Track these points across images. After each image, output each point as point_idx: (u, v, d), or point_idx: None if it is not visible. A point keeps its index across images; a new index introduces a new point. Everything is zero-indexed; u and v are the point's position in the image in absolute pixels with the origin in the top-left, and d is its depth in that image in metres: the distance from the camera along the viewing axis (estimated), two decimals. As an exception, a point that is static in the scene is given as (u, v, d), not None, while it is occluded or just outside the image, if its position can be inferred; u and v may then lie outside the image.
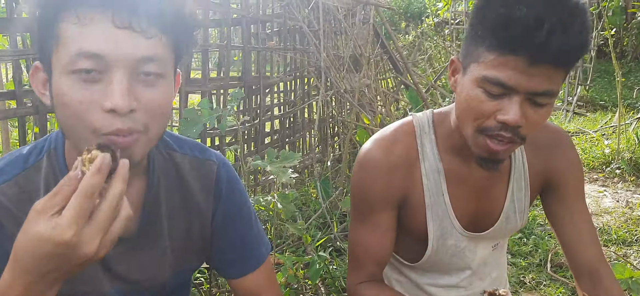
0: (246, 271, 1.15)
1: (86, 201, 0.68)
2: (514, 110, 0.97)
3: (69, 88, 0.78)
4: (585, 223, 1.27)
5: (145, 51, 0.80)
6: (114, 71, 0.78)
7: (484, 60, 0.98)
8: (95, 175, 0.69)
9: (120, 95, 0.77)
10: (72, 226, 0.67)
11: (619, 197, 3.81)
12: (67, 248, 0.68)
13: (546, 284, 2.43)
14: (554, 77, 0.96)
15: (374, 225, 1.20)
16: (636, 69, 10.71)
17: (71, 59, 0.77)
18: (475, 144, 1.05)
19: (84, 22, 0.77)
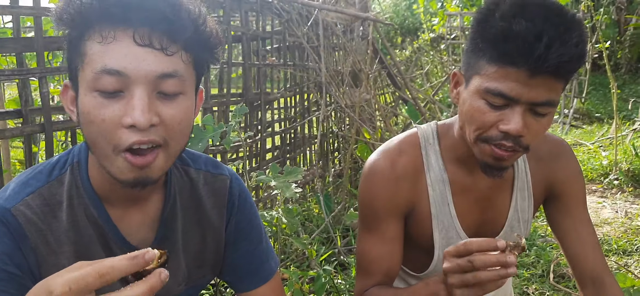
0: (256, 284, 1.16)
1: (93, 277, 0.65)
2: (516, 120, 0.99)
3: (93, 106, 0.81)
4: (588, 232, 1.28)
5: (165, 68, 0.82)
6: (134, 87, 0.80)
7: (485, 72, 1.01)
8: (121, 258, 0.67)
9: (141, 112, 0.79)
10: (64, 287, 0.65)
11: (617, 208, 3.83)
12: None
13: (549, 294, 2.44)
14: (554, 87, 0.99)
15: (381, 235, 1.21)
16: (630, 81, 10.80)
17: (95, 76, 0.80)
18: (480, 152, 1.07)
19: (107, 41, 0.79)
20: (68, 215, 0.93)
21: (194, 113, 0.92)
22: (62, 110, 2.03)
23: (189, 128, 0.91)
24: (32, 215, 0.90)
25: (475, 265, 0.91)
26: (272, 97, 3.56)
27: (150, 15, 0.80)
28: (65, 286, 0.64)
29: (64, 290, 0.64)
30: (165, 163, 0.87)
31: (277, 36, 3.62)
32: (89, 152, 0.96)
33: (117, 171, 0.84)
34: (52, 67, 2.01)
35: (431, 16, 11.52)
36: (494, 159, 1.06)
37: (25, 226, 0.90)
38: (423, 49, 10.08)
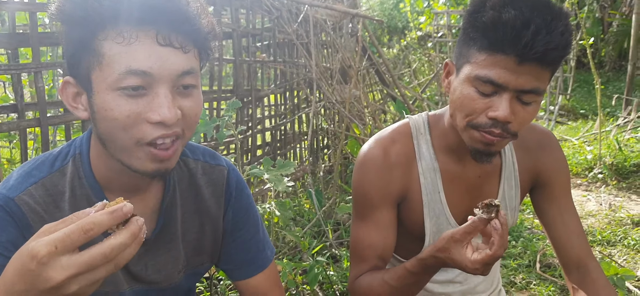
0: (253, 273, 1.19)
1: (78, 233, 0.65)
2: (504, 106, 1.03)
3: (117, 104, 0.83)
4: (573, 220, 1.33)
5: (185, 65, 0.86)
6: (159, 86, 0.84)
7: (475, 60, 1.05)
8: (103, 213, 0.67)
9: (168, 109, 0.84)
10: (49, 246, 0.65)
11: (602, 201, 3.91)
12: (36, 264, 0.65)
13: (536, 283, 2.50)
14: (541, 75, 1.03)
15: (375, 222, 1.24)
16: (614, 79, 10.97)
17: (119, 76, 0.82)
18: (470, 138, 1.11)
19: (129, 41, 0.82)
20: (70, 205, 0.95)
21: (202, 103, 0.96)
22: (57, 105, 2.04)
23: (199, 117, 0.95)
24: (35, 204, 0.93)
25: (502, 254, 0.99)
26: (263, 93, 3.58)
27: (171, 17, 0.83)
28: (50, 246, 0.64)
29: (50, 250, 0.64)
30: (180, 152, 0.92)
31: (267, 33, 3.65)
32: (90, 144, 0.98)
33: (138, 163, 0.88)
34: (47, 62, 2.01)
35: (418, 15, 11.58)
36: (484, 145, 1.10)
37: (28, 216, 0.92)
38: (410, 47, 10.14)
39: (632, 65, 7.22)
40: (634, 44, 7.14)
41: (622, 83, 8.88)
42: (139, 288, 1.05)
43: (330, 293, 2.25)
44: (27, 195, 0.92)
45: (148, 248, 1.04)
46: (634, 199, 3.97)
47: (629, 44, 7.56)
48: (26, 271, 0.66)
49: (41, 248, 0.64)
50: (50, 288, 0.66)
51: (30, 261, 0.65)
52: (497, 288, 1.45)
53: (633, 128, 5.45)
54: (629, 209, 3.68)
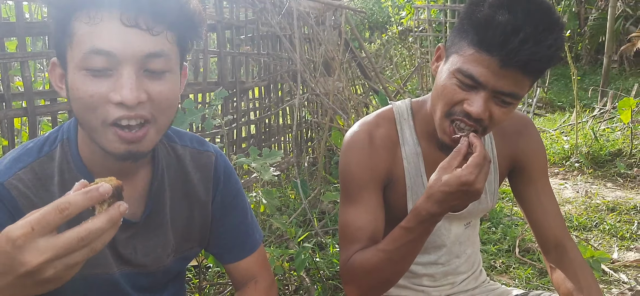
0: (242, 256, 1.20)
1: (54, 213, 0.65)
2: (478, 103, 1.07)
3: (82, 83, 0.85)
4: (550, 202, 1.37)
5: (152, 48, 0.86)
6: (123, 67, 0.84)
7: (463, 53, 1.08)
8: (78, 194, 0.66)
9: (129, 90, 0.83)
10: (25, 228, 0.64)
11: (578, 188, 4.02)
12: (12, 247, 0.64)
13: (515, 267, 2.57)
14: (521, 82, 1.06)
15: (364, 204, 1.25)
16: (590, 72, 11.20)
17: (84, 56, 0.83)
18: (441, 128, 1.15)
19: (95, 22, 0.83)
20: (60, 189, 0.96)
21: (179, 90, 0.96)
22: (45, 95, 2.04)
23: (176, 103, 0.95)
24: (24, 188, 0.93)
25: (488, 156, 1.03)
26: (247, 85, 3.59)
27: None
28: (26, 227, 0.64)
29: (26, 231, 0.64)
30: (155, 137, 0.92)
31: (250, 25, 3.66)
32: (78, 128, 0.99)
33: (107, 143, 0.88)
34: (33, 51, 2.01)
35: (399, 9, 11.65)
36: (451, 140, 1.12)
37: (18, 200, 0.92)
38: (392, 41, 10.21)
39: (607, 58, 7.40)
40: (609, 37, 7.31)
41: (598, 76, 9.08)
42: (129, 271, 1.07)
43: (316, 278, 2.29)
44: (16, 180, 0.93)
45: (137, 231, 1.05)
46: (609, 186, 4.09)
47: (605, 38, 7.73)
48: (2, 254, 0.65)
49: (16, 230, 0.64)
50: (25, 272, 0.65)
51: (5, 243, 0.65)
52: (478, 269, 1.49)
53: (608, 119, 5.60)
54: (604, 196, 3.80)
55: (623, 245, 2.88)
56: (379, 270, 1.18)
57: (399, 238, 1.14)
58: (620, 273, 2.49)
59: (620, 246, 2.87)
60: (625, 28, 10.07)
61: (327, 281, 2.26)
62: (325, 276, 2.25)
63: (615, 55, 10.39)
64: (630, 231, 3.04)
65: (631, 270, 2.57)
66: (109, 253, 1.03)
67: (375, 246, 1.20)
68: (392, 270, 1.18)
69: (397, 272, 1.20)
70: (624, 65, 10.99)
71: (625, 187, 4.04)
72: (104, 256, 1.02)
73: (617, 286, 2.38)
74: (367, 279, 1.21)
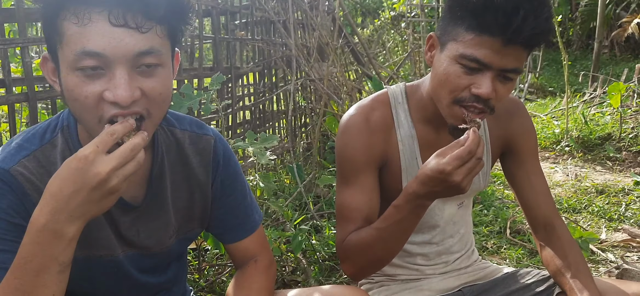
0: (242, 236, 1.24)
1: (107, 136, 0.82)
2: (487, 84, 1.10)
3: (75, 84, 0.86)
4: (540, 182, 1.41)
5: (142, 45, 0.86)
6: (115, 66, 0.85)
7: (462, 39, 1.11)
8: (119, 124, 0.84)
9: (123, 89, 0.85)
10: (92, 146, 0.80)
11: (568, 172, 4.08)
12: (85, 162, 0.79)
13: (506, 247, 2.63)
14: (521, 56, 1.11)
15: (360, 185, 1.28)
16: (581, 57, 11.26)
17: (75, 57, 0.85)
18: (450, 114, 1.18)
19: (83, 22, 0.84)
20: None
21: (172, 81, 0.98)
22: (45, 80, 2.05)
23: (170, 95, 0.97)
24: (29, 174, 0.96)
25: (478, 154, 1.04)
26: (242, 71, 3.61)
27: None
28: (93, 146, 0.81)
29: (93, 148, 0.81)
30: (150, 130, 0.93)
31: (245, 10, 3.67)
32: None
33: None
34: (33, 36, 2.02)
35: (392, -5, 11.62)
36: (463, 122, 1.15)
37: (24, 184, 0.95)
38: (384, 27, 10.20)
39: (598, 43, 7.45)
40: (600, 23, 7.36)
41: (589, 61, 9.15)
42: (133, 253, 1.10)
43: (313, 259, 2.33)
44: (21, 167, 0.95)
45: (139, 214, 1.08)
46: (598, 170, 4.16)
47: (596, 23, 7.78)
48: (75, 172, 0.80)
49: (86, 149, 0.80)
50: (98, 182, 0.80)
51: (78, 162, 0.80)
52: (471, 248, 1.53)
53: (598, 104, 5.66)
54: (593, 179, 3.86)
55: (611, 225, 2.95)
56: (372, 248, 1.22)
57: (389, 217, 1.18)
58: (607, 252, 2.56)
59: (608, 227, 2.93)
60: (616, 13, 10.13)
61: (324, 262, 2.31)
62: (322, 257, 2.30)
63: (606, 40, 10.46)
64: (618, 212, 3.11)
65: (618, 250, 2.64)
66: (112, 236, 1.06)
67: (370, 225, 1.24)
68: (384, 248, 1.22)
69: (390, 250, 1.24)
70: (614, 51, 11.07)
71: (614, 170, 4.11)
72: (108, 239, 1.06)
73: (604, 265, 2.45)
74: (361, 257, 1.25)
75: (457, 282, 1.44)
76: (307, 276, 2.17)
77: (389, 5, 11.17)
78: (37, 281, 0.84)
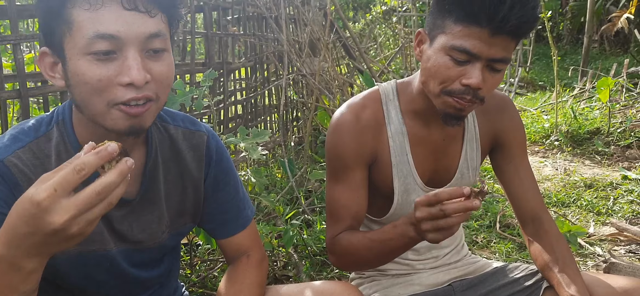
0: (234, 231, 1.25)
1: (72, 174, 0.70)
2: (476, 74, 1.13)
3: (88, 68, 0.88)
4: (528, 177, 1.44)
5: (152, 28, 0.90)
6: (127, 49, 0.88)
7: (451, 31, 1.13)
8: (90, 154, 0.72)
9: (137, 71, 0.88)
10: (49, 190, 0.69)
11: (557, 166, 4.12)
12: (38, 209, 0.69)
13: (496, 241, 2.66)
14: (509, 46, 1.13)
15: (349, 183, 1.31)
16: (571, 52, 11.33)
17: (88, 41, 0.86)
18: (443, 103, 1.20)
19: (95, 7, 0.86)
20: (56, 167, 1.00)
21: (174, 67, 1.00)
22: (37, 77, 2.05)
23: (172, 81, 0.99)
24: (23, 166, 0.96)
25: (447, 212, 1.00)
26: (234, 66, 3.61)
27: None
28: (49, 189, 0.69)
29: (49, 193, 0.69)
30: (155, 113, 0.96)
31: (237, 6, 3.66)
32: (72, 111, 1.02)
33: (111, 122, 0.92)
34: (25, 34, 2.01)
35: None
36: (456, 110, 1.18)
37: (17, 176, 0.95)
38: (376, 21, 10.21)
39: (588, 38, 7.50)
40: (589, 17, 7.41)
41: (579, 56, 9.20)
42: (126, 248, 1.10)
43: (304, 254, 2.35)
44: (15, 158, 0.96)
45: (133, 209, 1.09)
46: (587, 164, 4.20)
47: (585, 18, 7.83)
48: (29, 217, 0.71)
49: (41, 193, 0.69)
50: (52, 230, 0.71)
51: (31, 206, 0.70)
52: (460, 243, 1.55)
53: (587, 98, 5.71)
54: (582, 173, 3.90)
55: (599, 219, 2.98)
56: (361, 256, 1.26)
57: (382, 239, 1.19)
58: (595, 246, 2.59)
59: (597, 221, 2.97)
60: (605, 8, 10.19)
61: (315, 256, 2.32)
62: (313, 252, 2.31)
63: (596, 35, 10.53)
64: (606, 206, 3.15)
65: (606, 244, 2.67)
66: (105, 231, 1.07)
67: (364, 233, 1.26)
68: (373, 259, 1.27)
69: (378, 262, 1.30)
70: (604, 45, 11.15)
71: (602, 165, 4.15)
72: (101, 233, 1.06)
73: (592, 258, 2.48)
74: (351, 259, 1.30)
75: (447, 277, 1.46)
76: (298, 271, 2.18)
77: (381, 0, 11.18)
78: None
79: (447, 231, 1.03)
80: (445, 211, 1.01)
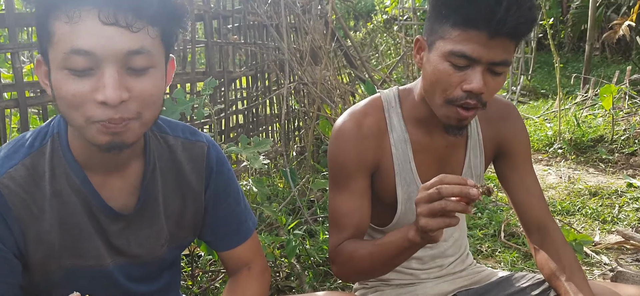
0: (236, 244, 1.22)
1: None
2: (477, 79, 1.11)
3: (64, 82, 0.85)
4: (534, 185, 1.41)
5: (132, 45, 0.85)
6: (104, 66, 0.84)
7: (449, 36, 1.12)
8: None
9: (111, 89, 0.83)
10: None
11: (561, 174, 4.09)
12: None
13: (500, 251, 2.63)
14: (509, 48, 1.12)
15: (351, 191, 1.29)
16: (573, 59, 11.34)
17: (64, 56, 0.83)
18: (445, 115, 1.18)
19: (74, 21, 0.83)
20: (51, 185, 0.97)
21: (165, 83, 0.96)
22: (36, 86, 2.04)
23: (161, 98, 0.94)
24: (15, 187, 0.93)
25: (442, 193, 0.99)
26: (235, 75, 3.60)
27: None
28: None
29: None
30: (139, 130, 0.92)
31: (237, 15, 3.66)
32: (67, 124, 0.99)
33: (91, 136, 0.89)
34: (23, 42, 2.00)
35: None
36: (458, 120, 1.17)
37: (8, 198, 0.93)
38: (377, 30, 10.23)
39: (589, 45, 7.48)
40: (591, 25, 7.40)
41: (581, 63, 9.20)
42: (123, 262, 1.08)
43: (307, 264, 2.32)
44: (7, 178, 0.93)
45: (130, 223, 1.06)
46: (591, 172, 4.18)
47: (587, 26, 7.83)
48: None
49: None
50: None
51: None
52: (465, 252, 1.53)
53: (590, 106, 5.69)
54: (586, 181, 3.87)
55: (604, 228, 2.95)
56: (365, 263, 1.24)
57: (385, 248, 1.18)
58: (601, 255, 2.56)
59: (602, 229, 2.94)
60: (607, 16, 10.19)
61: (318, 267, 2.30)
62: (316, 262, 2.29)
63: (597, 42, 10.53)
64: (611, 214, 3.12)
65: (612, 252, 2.64)
66: (102, 246, 1.04)
67: (366, 242, 1.24)
68: (375, 268, 1.26)
69: (381, 271, 1.28)
70: (605, 53, 11.14)
71: (606, 172, 4.13)
72: (97, 248, 1.03)
73: (598, 267, 2.45)
74: (353, 268, 1.27)
75: (452, 286, 1.44)
76: (301, 282, 2.16)
77: (382, 9, 11.20)
78: None
79: (441, 220, 1.00)
80: (440, 191, 0.99)
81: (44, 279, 1.00)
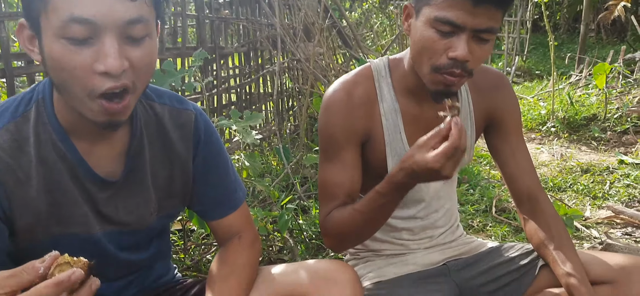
0: (225, 213, 1.22)
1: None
2: (462, 46, 1.10)
3: (63, 53, 0.82)
4: (524, 156, 1.42)
5: (133, 13, 0.84)
6: (105, 35, 0.82)
7: (434, 2, 1.11)
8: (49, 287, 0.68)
9: (113, 59, 0.82)
10: None
11: (554, 152, 4.11)
12: None
13: (492, 225, 2.65)
14: (495, 15, 1.11)
15: (342, 162, 1.29)
16: (568, 41, 11.33)
17: (62, 24, 0.81)
18: (431, 81, 1.18)
19: None
20: (36, 150, 0.95)
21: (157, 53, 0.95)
22: (23, 57, 2.01)
23: (154, 67, 0.95)
24: (0, 152, 0.92)
25: (462, 145, 1.02)
26: (227, 51, 3.57)
27: None
28: None
29: None
30: (133, 103, 0.91)
31: (229, -10, 3.62)
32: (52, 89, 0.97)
33: (90, 114, 0.88)
34: (10, 11, 1.96)
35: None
36: (445, 85, 1.16)
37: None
38: (372, 10, 10.17)
39: (584, 25, 7.49)
40: (586, 5, 7.39)
41: (576, 45, 9.19)
42: (111, 230, 1.07)
43: (300, 239, 2.33)
44: None
45: (117, 190, 1.05)
46: (583, 150, 4.20)
47: (582, 7, 7.81)
48: None
49: None
50: None
51: None
52: (455, 223, 1.53)
53: (584, 85, 5.70)
54: (578, 158, 3.89)
55: (595, 203, 2.98)
56: (353, 227, 1.24)
57: (373, 201, 1.18)
58: (591, 229, 2.58)
59: (593, 204, 2.96)
60: (602, -4, 10.18)
61: (310, 241, 2.31)
62: (309, 236, 2.30)
63: (593, 23, 10.50)
64: (602, 190, 3.14)
65: (602, 226, 2.66)
66: (90, 213, 1.03)
67: (352, 206, 1.24)
68: (365, 228, 1.25)
69: (371, 230, 1.27)
70: (601, 34, 11.14)
71: (599, 150, 4.15)
72: (85, 215, 1.02)
73: (588, 241, 2.47)
74: (342, 234, 1.27)
75: (442, 256, 1.44)
76: (294, 255, 2.16)
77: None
78: None
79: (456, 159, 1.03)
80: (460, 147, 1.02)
81: (30, 246, 0.99)
